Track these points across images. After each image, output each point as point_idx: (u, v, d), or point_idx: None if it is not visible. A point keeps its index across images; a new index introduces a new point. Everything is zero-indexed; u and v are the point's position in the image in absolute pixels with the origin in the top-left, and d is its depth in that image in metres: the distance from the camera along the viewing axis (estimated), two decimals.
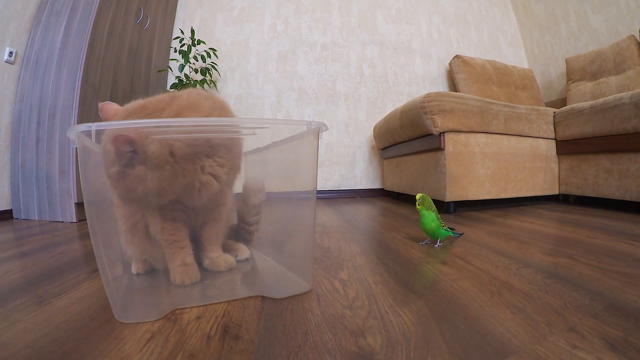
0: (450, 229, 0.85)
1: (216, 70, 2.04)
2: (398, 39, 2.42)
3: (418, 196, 0.81)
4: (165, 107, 0.49)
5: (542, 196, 1.82)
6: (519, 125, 1.53)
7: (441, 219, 0.81)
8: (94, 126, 0.39)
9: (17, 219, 1.43)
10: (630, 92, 1.26)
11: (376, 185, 2.34)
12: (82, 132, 0.39)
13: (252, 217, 0.72)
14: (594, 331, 0.36)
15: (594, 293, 0.48)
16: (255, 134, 0.52)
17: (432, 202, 0.82)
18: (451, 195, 1.36)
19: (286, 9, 2.30)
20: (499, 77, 2.20)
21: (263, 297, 0.50)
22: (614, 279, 0.53)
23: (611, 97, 1.33)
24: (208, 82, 2.00)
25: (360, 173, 2.31)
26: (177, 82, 1.89)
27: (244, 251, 0.68)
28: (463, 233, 0.93)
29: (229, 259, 0.62)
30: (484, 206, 1.58)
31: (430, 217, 0.79)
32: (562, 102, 2.16)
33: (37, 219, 1.40)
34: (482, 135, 1.44)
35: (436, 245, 0.80)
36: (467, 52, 2.51)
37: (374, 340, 0.36)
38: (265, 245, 0.72)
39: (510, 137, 1.52)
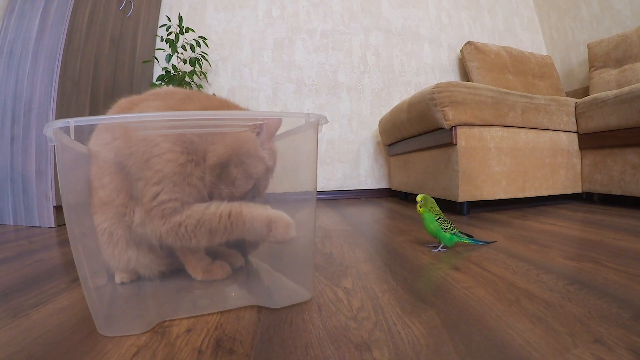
0: (468, 235, 0.81)
1: (206, 60, 2.03)
2: (405, 25, 2.41)
3: (419, 197, 0.80)
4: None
5: (564, 195, 1.82)
6: (537, 117, 1.52)
7: (446, 221, 0.79)
8: (72, 122, 0.39)
9: None
10: None
11: (382, 184, 2.34)
12: (60, 128, 0.39)
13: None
14: (622, 342, 0.36)
15: (621, 300, 0.48)
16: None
17: (434, 203, 0.81)
18: (464, 195, 1.35)
19: None
20: (515, 65, 2.19)
21: (259, 307, 0.50)
22: None
23: (638, 85, 1.32)
24: (198, 73, 2.00)
25: (365, 172, 2.31)
26: (164, 73, 1.89)
27: (237, 258, 0.68)
28: (496, 241, 0.87)
29: (226, 265, 0.62)
30: (500, 207, 1.58)
31: (430, 219, 0.79)
32: (584, 91, 2.16)
33: (12, 224, 1.40)
34: (498, 128, 1.43)
35: (436, 250, 0.79)
36: (480, 38, 2.50)
37: (381, 355, 0.36)
38: (261, 251, 0.72)
39: (528, 131, 1.51)
